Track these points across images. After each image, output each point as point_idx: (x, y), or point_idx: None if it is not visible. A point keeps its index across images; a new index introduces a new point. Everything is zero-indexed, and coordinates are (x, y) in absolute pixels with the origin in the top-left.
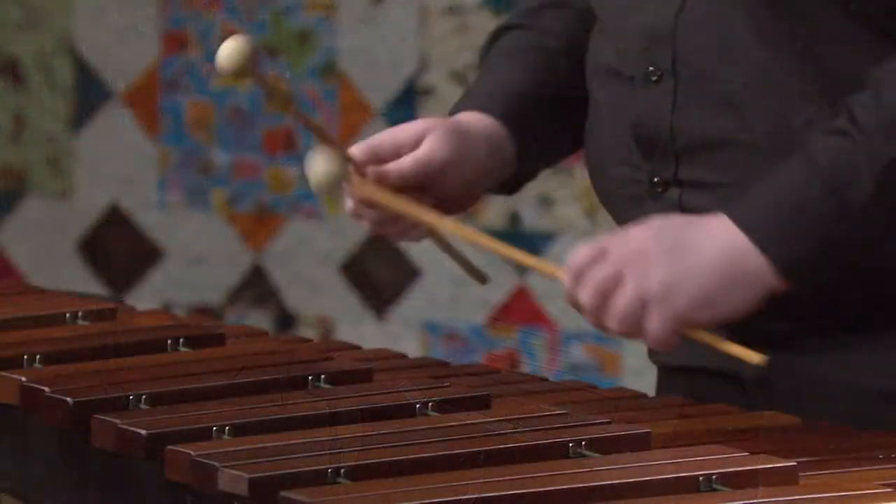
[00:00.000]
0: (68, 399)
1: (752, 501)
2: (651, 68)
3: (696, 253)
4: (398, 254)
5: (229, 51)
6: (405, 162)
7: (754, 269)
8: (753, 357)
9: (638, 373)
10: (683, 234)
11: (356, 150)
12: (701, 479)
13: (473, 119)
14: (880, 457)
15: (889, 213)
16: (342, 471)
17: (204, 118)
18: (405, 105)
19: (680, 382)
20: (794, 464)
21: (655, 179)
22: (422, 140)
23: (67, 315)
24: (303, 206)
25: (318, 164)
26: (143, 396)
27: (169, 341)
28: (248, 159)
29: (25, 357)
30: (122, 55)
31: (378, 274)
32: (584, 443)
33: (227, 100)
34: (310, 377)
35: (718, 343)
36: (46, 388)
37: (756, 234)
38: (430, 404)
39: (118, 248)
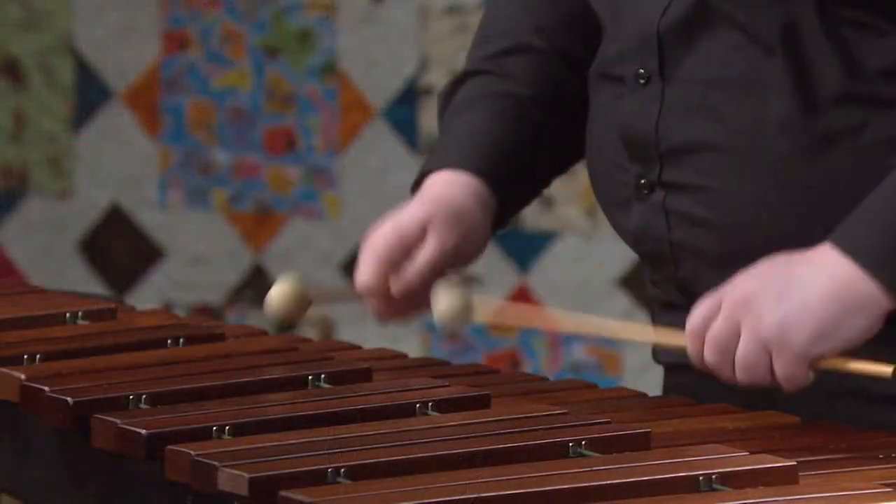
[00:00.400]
0: (68, 399)
1: (751, 501)
2: (641, 70)
3: (805, 287)
4: None
5: (280, 294)
6: (422, 267)
7: (865, 294)
8: (884, 370)
9: (638, 373)
10: (790, 271)
11: (372, 271)
12: (701, 479)
13: (456, 186)
14: (880, 457)
15: None
16: (342, 471)
17: (204, 118)
18: (405, 105)
19: (686, 380)
20: (794, 463)
21: (642, 181)
22: (426, 232)
23: (67, 315)
24: (303, 206)
25: (443, 301)
26: (143, 396)
27: (169, 341)
28: (249, 159)
29: (25, 357)
30: (122, 55)
31: None
32: (584, 443)
33: (227, 100)
34: (310, 377)
35: (847, 365)
36: (46, 388)
37: (862, 258)
38: (430, 404)
39: (118, 248)
